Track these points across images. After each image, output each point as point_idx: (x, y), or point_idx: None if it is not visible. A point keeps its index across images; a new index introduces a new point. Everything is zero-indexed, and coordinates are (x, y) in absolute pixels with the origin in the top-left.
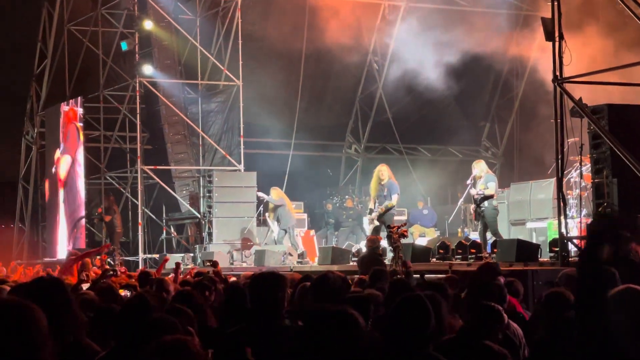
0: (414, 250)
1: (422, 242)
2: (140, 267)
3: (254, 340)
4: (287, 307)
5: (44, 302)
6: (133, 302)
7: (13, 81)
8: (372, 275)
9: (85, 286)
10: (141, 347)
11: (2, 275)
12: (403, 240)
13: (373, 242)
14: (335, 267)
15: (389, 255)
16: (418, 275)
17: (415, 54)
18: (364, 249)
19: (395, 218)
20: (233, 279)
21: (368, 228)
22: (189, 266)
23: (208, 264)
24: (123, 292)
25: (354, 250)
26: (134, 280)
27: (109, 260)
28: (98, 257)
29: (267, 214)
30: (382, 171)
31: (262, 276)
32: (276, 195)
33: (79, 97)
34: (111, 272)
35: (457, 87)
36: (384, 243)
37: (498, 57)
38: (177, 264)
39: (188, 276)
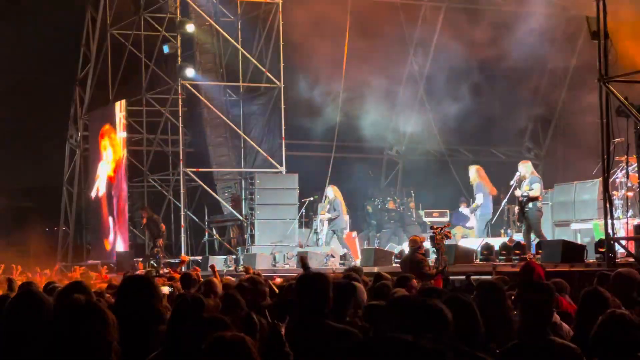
0: (458, 252)
1: (464, 243)
2: (183, 270)
3: (300, 339)
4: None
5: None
6: (187, 302)
7: (57, 85)
8: (397, 280)
9: None
10: (194, 346)
11: (45, 279)
12: (446, 242)
13: (415, 243)
14: (376, 269)
15: (432, 256)
16: (463, 277)
17: (456, 54)
18: (407, 251)
19: (438, 219)
20: (278, 280)
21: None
22: (231, 268)
23: (241, 270)
24: (165, 289)
25: (396, 251)
26: (175, 280)
27: (152, 262)
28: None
29: (320, 211)
30: (470, 172)
31: (308, 277)
32: (334, 192)
33: (122, 100)
34: (154, 274)
35: (498, 87)
36: (427, 244)
37: (541, 56)
38: (212, 267)
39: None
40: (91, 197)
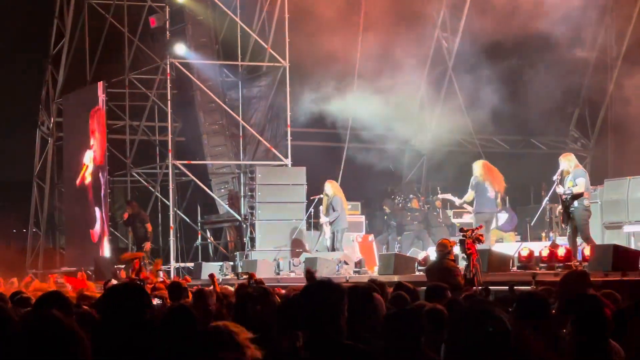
0: (491, 258)
1: (499, 248)
2: (172, 277)
3: None
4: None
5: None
6: (174, 312)
7: (26, 64)
8: (428, 292)
9: None
10: None
11: (14, 288)
12: (478, 246)
13: (445, 248)
14: (396, 278)
15: (462, 263)
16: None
17: (491, 28)
18: (433, 256)
19: (468, 220)
20: (282, 292)
21: None
22: (228, 276)
23: (244, 276)
24: (154, 302)
25: (420, 257)
26: (163, 290)
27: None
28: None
29: (321, 212)
30: (474, 168)
31: (315, 286)
32: (332, 189)
33: (101, 82)
34: (138, 282)
35: (540, 67)
36: (456, 250)
37: (589, 32)
38: (212, 276)
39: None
40: (76, 184)
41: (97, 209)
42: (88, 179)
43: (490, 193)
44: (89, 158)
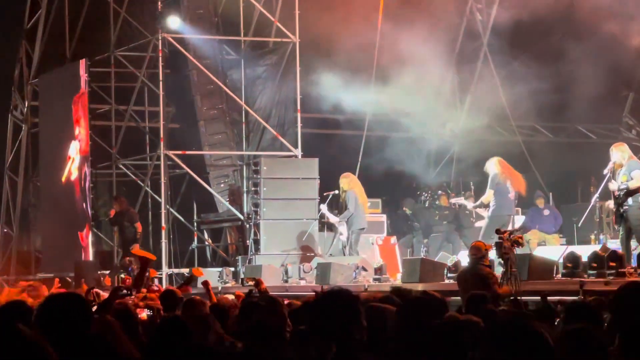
0: (532, 264)
1: (542, 253)
2: (164, 285)
3: None
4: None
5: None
6: (167, 325)
7: None
8: (469, 300)
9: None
10: None
11: None
12: (517, 250)
13: (479, 252)
14: (421, 286)
15: (499, 270)
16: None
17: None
18: (465, 262)
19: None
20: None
21: None
22: (229, 284)
23: (250, 282)
24: (143, 313)
25: (450, 263)
26: (154, 300)
27: (122, 275)
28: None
29: (325, 210)
30: (488, 165)
31: (328, 296)
32: (347, 184)
33: (83, 60)
34: (124, 291)
35: (589, 44)
36: (492, 254)
37: None
38: (206, 283)
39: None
40: (61, 180)
41: (86, 207)
42: (75, 174)
43: (511, 194)
44: (74, 149)
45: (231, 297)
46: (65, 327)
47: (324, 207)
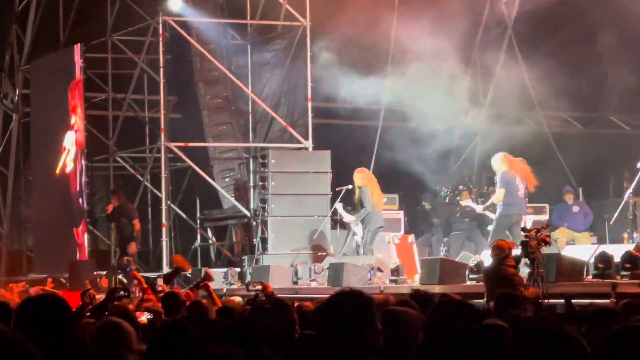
0: (561, 264)
1: (570, 252)
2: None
3: None
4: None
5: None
6: (168, 330)
7: None
8: (498, 300)
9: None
10: None
11: None
12: (544, 250)
13: (502, 251)
14: (438, 288)
15: (524, 270)
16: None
17: None
18: (488, 262)
19: (532, 217)
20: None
21: None
22: (234, 286)
23: (257, 286)
24: (142, 317)
25: (472, 263)
26: (152, 303)
27: (120, 276)
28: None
29: (340, 208)
30: (493, 161)
31: (339, 298)
32: (362, 180)
33: (78, 45)
34: (122, 293)
35: (621, 28)
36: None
37: None
38: (205, 285)
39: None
40: (55, 173)
41: (82, 202)
42: (70, 166)
43: (521, 191)
44: (70, 140)
45: (238, 299)
46: (44, 332)
47: (339, 206)
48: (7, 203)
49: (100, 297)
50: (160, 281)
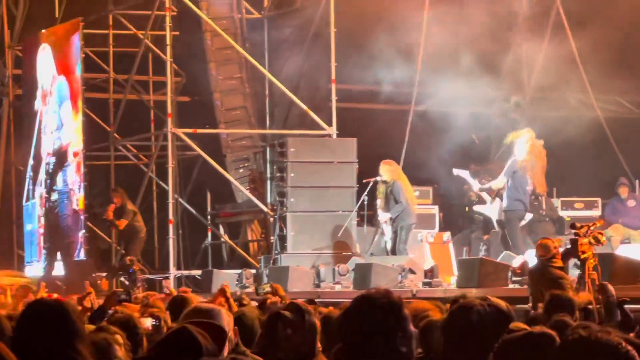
0: (615, 265)
1: (626, 252)
2: (170, 289)
3: None
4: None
5: None
6: (174, 339)
7: None
8: (548, 304)
9: None
10: None
11: None
12: (597, 249)
13: (547, 251)
14: (476, 291)
15: (573, 272)
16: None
17: None
18: (532, 262)
19: (583, 213)
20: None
21: None
22: (249, 289)
23: (267, 289)
24: (146, 324)
25: (515, 264)
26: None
27: (122, 278)
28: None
29: (377, 205)
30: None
31: (364, 300)
32: (391, 173)
33: (75, 21)
34: (123, 297)
35: None
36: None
37: None
38: (223, 290)
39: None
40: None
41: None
42: (50, 169)
43: (529, 185)
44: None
45: (254, 305)
46: (48, 345)
47: (379, 208)
48: None
49: (101, 301)
50: (166, 283)
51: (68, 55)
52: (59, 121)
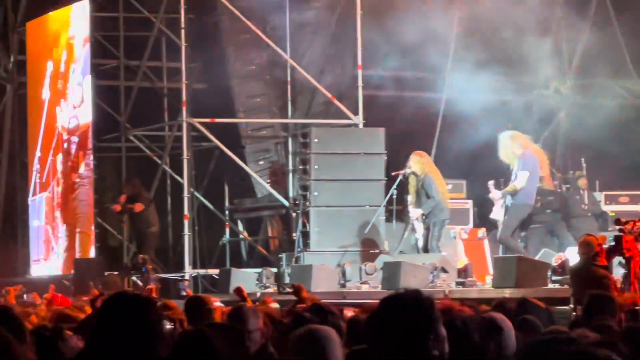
0: None
1: None
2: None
3: None
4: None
5: None
6: (189, 342)
7: None
8: (588, 305)
9: None
10: None
11: None
12: None
13: (590, 249)
14: (509, 291)
15: (618, 271)
16: None
17: None
18: (574, 260)
19: (628, 207)
20: (349, 313)
21: None
22: (270, 289)
23: (288, 289)
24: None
25: (554, 262)
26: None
27: (134, 277)
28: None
29: (409, 201)
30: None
31: (393, 301)
32: (422, 165)
33: (84, 1)
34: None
35: None
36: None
37: None
38: (239, 290)
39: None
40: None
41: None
42: (73, 149)
43: (537, 178)
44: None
45: (276, 305)
46: (127, 340)
47: (410, 205)
48: (1, 190)
49: None
50: (184, 284)
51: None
52: (81, 96)
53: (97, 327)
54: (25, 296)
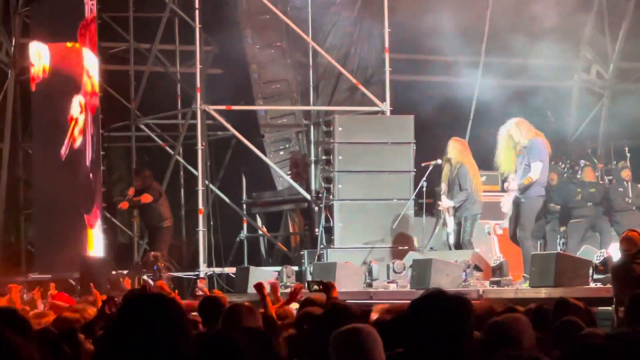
0: None
1: None
2: (204, 290)
3: None
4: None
5: None
6: (209, 344)
7: None
8: (630, 306)
9: None
10: None
11: None
12: None
13: (632, 245)
14: (545, 291)
15: None
16: None
17: None
18: (616, 257)
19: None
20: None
21: None
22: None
23: (316, 287)
24: None
25: (597, 260)
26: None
27: (145, 276)
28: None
29: (442, 191)
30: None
31: (425, 301)
32: (459, 153)
33: None
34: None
35: None
36: None
37: None
38: (259, 286)
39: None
40: (60, 155)
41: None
42: (79, 141)
43: (547, 172)
44: (78, 107)
45: (296, 305)
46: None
47: (442, 193)
48: (2, 184)
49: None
50: (201, 283)
51: None
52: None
53: (117, 329)
54: (25, 296)
